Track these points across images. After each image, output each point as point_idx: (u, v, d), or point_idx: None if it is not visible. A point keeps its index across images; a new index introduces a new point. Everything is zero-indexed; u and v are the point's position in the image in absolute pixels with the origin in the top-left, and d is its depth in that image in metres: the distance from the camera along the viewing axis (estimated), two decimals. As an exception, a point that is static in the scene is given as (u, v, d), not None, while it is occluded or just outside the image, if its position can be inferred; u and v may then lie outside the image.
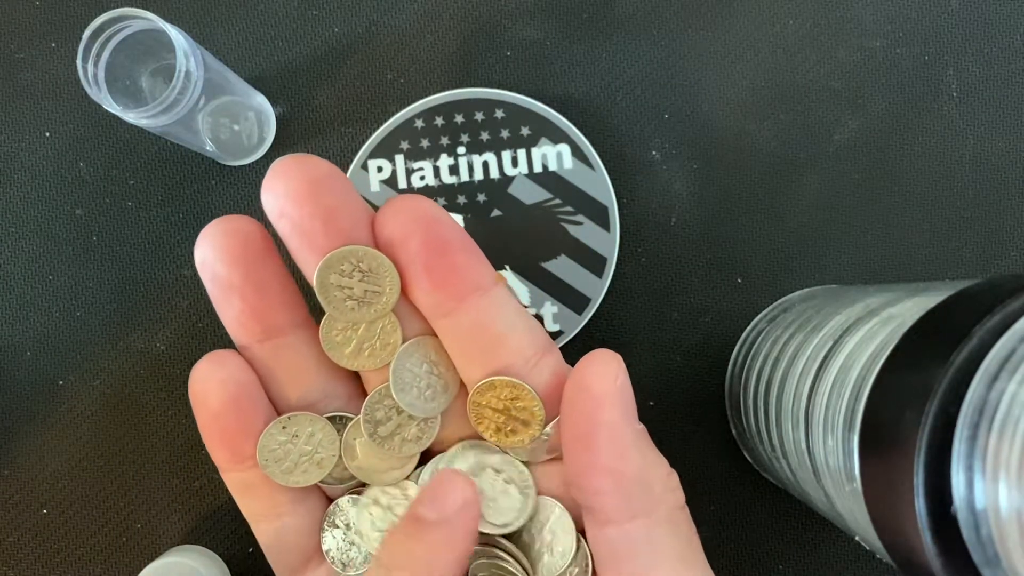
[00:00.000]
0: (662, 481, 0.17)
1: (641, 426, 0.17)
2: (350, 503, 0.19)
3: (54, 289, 0.35)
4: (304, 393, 0.19)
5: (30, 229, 0.35)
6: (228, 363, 0.18)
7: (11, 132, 0.35)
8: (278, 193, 0.17)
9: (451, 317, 0.17)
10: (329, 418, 0.19)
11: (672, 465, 0.19)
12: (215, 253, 0.17)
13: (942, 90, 0.35)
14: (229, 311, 0.18)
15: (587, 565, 0.18)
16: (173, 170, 0.35)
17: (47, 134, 0.35)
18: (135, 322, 0.34)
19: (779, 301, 0.34)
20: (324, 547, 0.19)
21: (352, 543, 0.19)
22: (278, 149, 0.35)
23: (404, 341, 0.18)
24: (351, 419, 0.19)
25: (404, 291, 0.18)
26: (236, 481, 0.19)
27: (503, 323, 0.17)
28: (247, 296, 0.17)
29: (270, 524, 0.19)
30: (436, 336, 0.18)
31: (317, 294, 0.18)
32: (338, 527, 0.19)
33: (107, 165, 0.35)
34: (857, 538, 0.22)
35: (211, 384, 0.17)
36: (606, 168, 0.35)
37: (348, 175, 0.35)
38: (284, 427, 0.18)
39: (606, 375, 0.16)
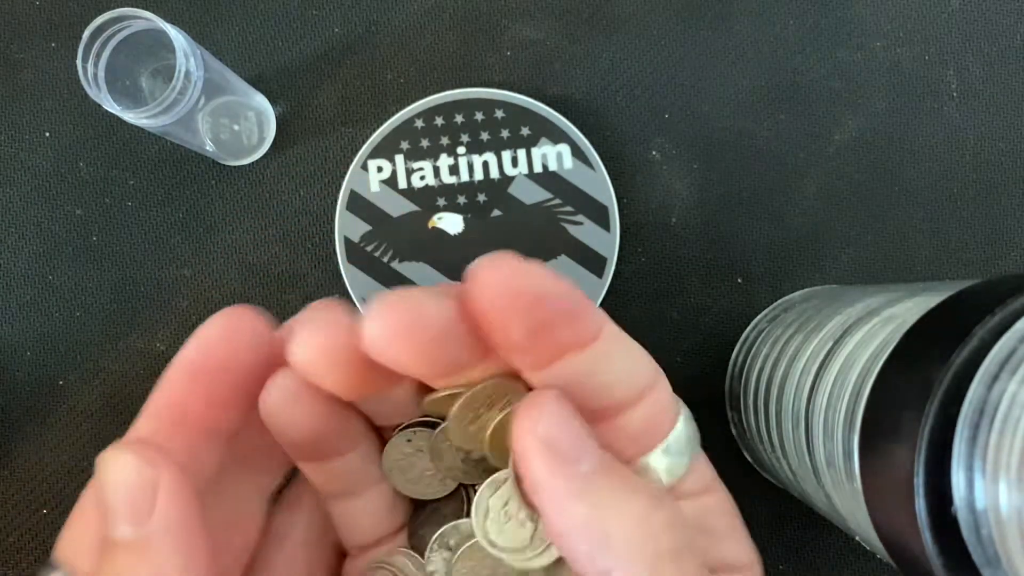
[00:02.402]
0: (626, 529, 0.14)
1: (594, 462, 0.14)
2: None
3: (54, 289, 0.35)
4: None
5: (30, 229, 0.35)
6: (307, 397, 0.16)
7: (11, 132, 0.35)
8: (386, 339, 0.14)
9: (545, 371, 0.15)
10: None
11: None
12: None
13: (942, 90, 0.35)
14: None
15: None
16: (173, 170, 0.35)
17: (47, 134, 0.35)
18: (135, 322, 0.34)
19: (779, 301, 0.34)
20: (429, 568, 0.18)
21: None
22: (278, 149, 0.35)
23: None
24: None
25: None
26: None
27: (602, 377, 0.15)
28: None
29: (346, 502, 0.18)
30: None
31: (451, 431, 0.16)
32: (449, 549, 0.18)
33: (107, 165, 0.35)
34: (857, 538, 0.22)
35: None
36: (606, 168, 0.35)
37: (348, 175, 0.35)
38: (409, 440, 0.18)
39: (525, 428, 0.14)
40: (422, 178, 0.35)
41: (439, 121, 0.35)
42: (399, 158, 0.35)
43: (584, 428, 0.15)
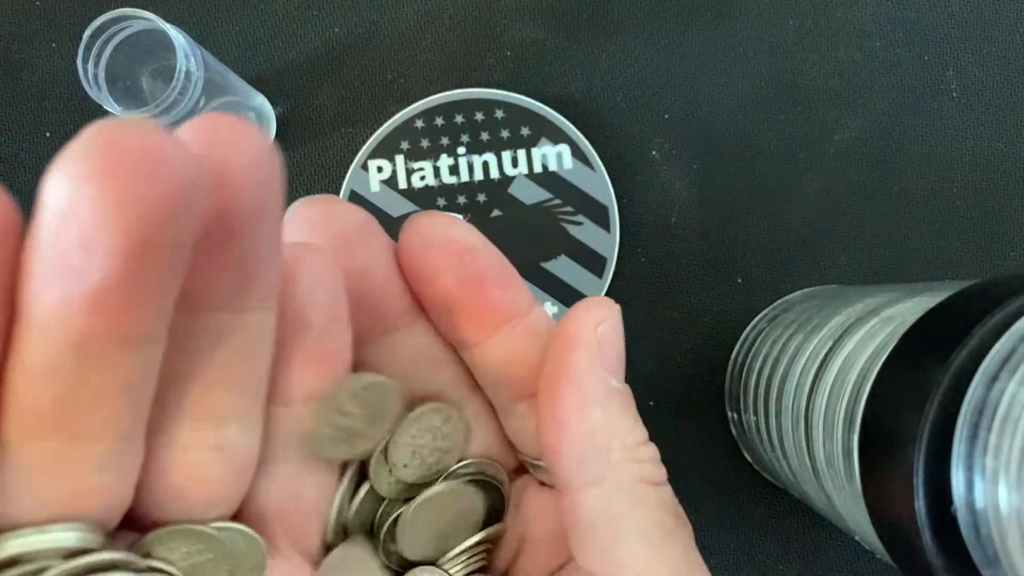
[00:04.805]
0: (625, 448, 0.15)
1: (621, 386, 0.15)
2: None
3: (54, 289, 0.35)
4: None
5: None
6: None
7: (11, 132, 0.35)
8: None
9: (480, 347, 0.15)
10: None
11: (672, 465, 0.18)
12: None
13: (942, 90, 0.35)
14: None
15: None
16: (173, 170, 0.35)
17: (47, 134, 0.35)
18: (135, 322, 0.34)
19: (779, 301, 0.34)
20: None
21: None
22: (278, 149, 0.35)
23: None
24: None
25: (428, 319, 0.15)
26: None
27: (536, 353, 0.15)
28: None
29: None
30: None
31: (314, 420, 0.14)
32: None
33: (107, 165, 0.35)
34: (857, 538, 0.22)
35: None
36: (606, 168, 0.35)
37: (348, 175, 0.35)
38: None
39: (588, 319, 0.15)
40: (422, 178, 0.35)
41: (439, 121, 0.35)
42: (399, 158, 0.35)
43: (623, 350, 0.15)
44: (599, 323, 0.15)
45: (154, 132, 0.09)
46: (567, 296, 0.34)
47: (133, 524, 0.13)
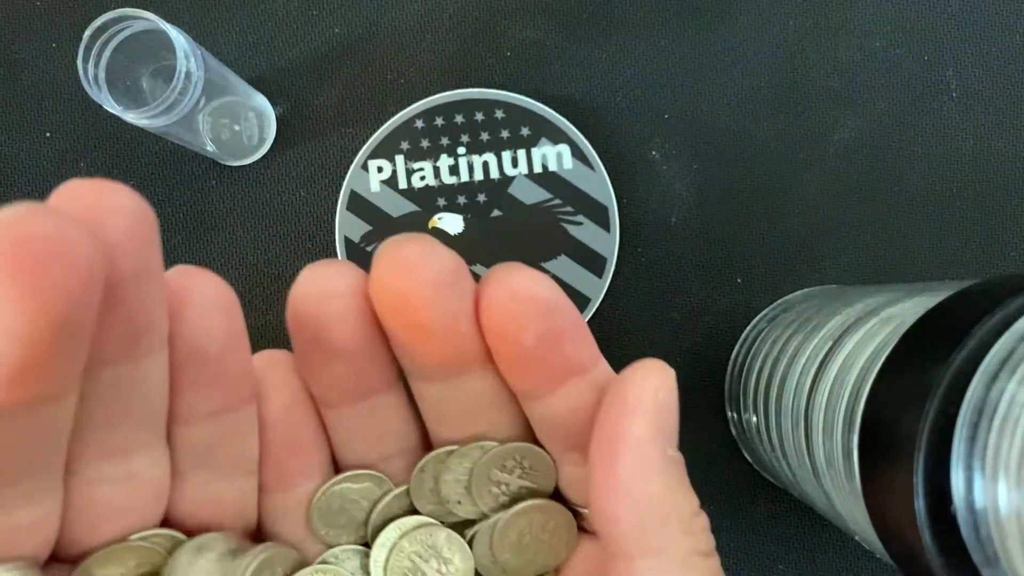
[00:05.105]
0: (682, 520, 0.15)
1: (676, 454, 0.15)
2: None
3: (54, 289, 0.35)
4: (381, 446, 0.16)
5: (30, 229, 0.35)
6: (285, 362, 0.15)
7: (12, 132, 0.35)
8: (396, 292, 0.14)
9: (543, 400, 0.15)
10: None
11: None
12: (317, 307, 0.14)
13: (942, 90, 0.35)
14: (324, 375, 0.15)
15: None
16: (173, 170, 0.35)
17: (48, 134, 0.35)
18: (135, 322, 0.34)
19: (779, 301, 0.34)
20: None
21: None
22: (278, 149, 0.35)
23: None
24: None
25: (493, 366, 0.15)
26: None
27: (595, 408, 0.15)
28: (353, 359, 0.15)
29: None
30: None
31: (473, 488, 0.16)
32: None
33: (107, 165, 0.35)
34: (857, 538, 0.22)
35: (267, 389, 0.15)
36: (606, 168, 0.35)
37: (348, 176, 0.35)
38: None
39: (646, 385, 0.15)
40: (422, 178, 0.35)
41: (439, 121, 0.35)
42: (399, 158, 0.35)
43: (677, 418, 0.15)
44: (656, 391, 0.15)
45: (55, 222, 0.10)
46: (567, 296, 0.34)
47: (62, 558, 0.14)
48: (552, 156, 0.35)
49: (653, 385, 0.15)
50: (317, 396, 0.16)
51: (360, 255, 0.35)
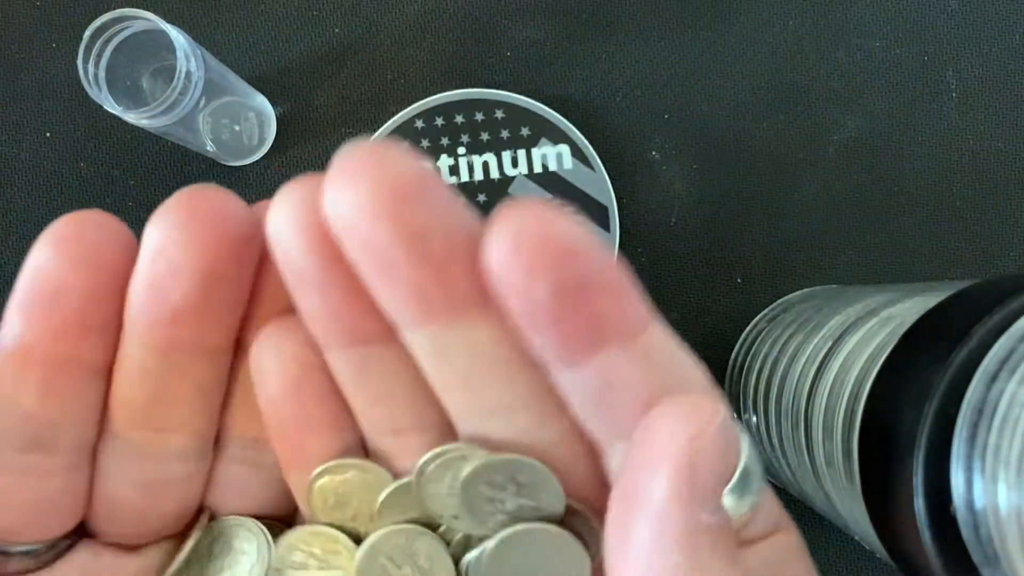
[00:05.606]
0: None
1: (711, 518, 0.12)
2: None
3: (54, 289, 0.35)
4: (392, 415, 0.14)
5: (30, 229, 0.35)
6: (291, 336, 0.13)
7: (12, 132, 0.35)
8: (347, 201, 0.11)
9: (576, 370, 0.12)
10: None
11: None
12: (292, 237, 0.12)
13: (942, 90, 0.35)
14: (306, 305, 0.13)
15: None
16: (173, 170, 0.35)
17: (48, 134, 0.35)
18: (135, 322, 0.35)
19: (779, 301, 0.34)
20: None
21: None
22: (279, 149, 0.35)
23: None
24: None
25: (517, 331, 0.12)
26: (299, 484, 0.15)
27: (648, 386, 0.12)
28: (330, 295, 0.12)
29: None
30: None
31: (461, 502, 0.13)
32: None
33: (107, 165, 0.35)
34: (857, 538, 0.22)
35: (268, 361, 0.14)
36: (606, 168, 0.35)
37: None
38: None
39: (678, 430, 0.11)
40: (422, 178, 0.35)
41: (439, 122, 0.35)
42: (399, 158, 0.35)
43: (728, 470, 0.12)
44: (693, 437, 0.11)
45: (223, 196, 0.12)
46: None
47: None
48: (552, 156, 0.35)
49: (687, 431, 0.11)
50: (320, 341, 0.13)
51: (360, 255, 0.35)
